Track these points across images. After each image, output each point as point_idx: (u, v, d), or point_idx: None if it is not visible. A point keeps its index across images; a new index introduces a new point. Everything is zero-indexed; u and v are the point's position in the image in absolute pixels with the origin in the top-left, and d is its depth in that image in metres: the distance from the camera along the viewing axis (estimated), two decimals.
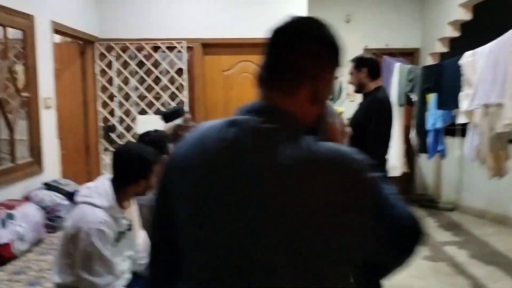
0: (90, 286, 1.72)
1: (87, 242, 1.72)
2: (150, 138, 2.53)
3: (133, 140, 4.68)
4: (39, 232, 2.97)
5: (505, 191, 5.28)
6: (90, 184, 1.94)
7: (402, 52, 6.00)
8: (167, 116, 3.21)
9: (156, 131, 2.64)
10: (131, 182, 1.91)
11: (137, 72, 4.82)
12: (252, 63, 5.01)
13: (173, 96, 4.85)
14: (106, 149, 4.87)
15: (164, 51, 4.74)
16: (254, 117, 0.91)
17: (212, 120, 0.99)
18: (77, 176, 4.07)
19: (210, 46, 4.93)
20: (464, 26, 5.38)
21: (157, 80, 4.78)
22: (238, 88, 5.04)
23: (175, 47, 4.70)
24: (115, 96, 4.83)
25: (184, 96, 4.76)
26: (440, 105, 3.94)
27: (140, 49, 4.77)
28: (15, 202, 2.95)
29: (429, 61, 5.78)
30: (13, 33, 3.28)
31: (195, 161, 0.93)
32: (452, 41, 5.64)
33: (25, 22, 3.36)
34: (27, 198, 3.17)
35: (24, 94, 3.37)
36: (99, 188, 1.87)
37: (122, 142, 4.80)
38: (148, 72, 4.80)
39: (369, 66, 2.95)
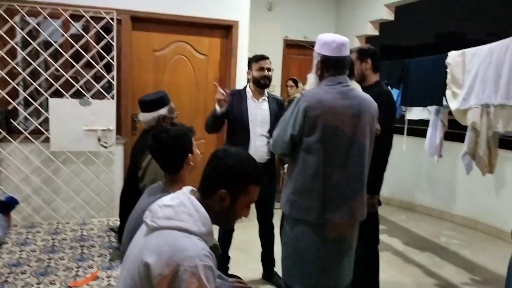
0: None
1: (195, 285, 1.22)
2: (171, 135, 1.94)
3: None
4: None
5: (409, 180, 5.83)
6: (168, 200, 1.38)
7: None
8: (149, 104, 2.56)
9: (175, 124, 2.05)
10: (234, 200, 1.43)
11: (50, 45, 3.88)
12: (187, 45, 4.48)
13: (96, 77, 4.03)
14: (2, 140, 3.82)
15: (87, 22, 3.89)
16: None
17: None
18: None
19: (140, 21, 4.23)
20: (381, 25, 5.68)
21: (77, 57, 3.90)
22: (171, 71, 4.45)
23: (103, 17, 3.89)
24: (19, 73, 3.80)
25: (111, 78, 3.99)
26: (405, 101, 4.05)
27: (55, 16, 3.83)
28: None
29: None
30: None
31: None
32: (367, 39, 5.93)
33: None
34: None
35: None
36: (188, 207, 1.35)
37: (27, 129, 3.82)
38: (65, 46, 3.90)
39: (373, 57, 2.83)
